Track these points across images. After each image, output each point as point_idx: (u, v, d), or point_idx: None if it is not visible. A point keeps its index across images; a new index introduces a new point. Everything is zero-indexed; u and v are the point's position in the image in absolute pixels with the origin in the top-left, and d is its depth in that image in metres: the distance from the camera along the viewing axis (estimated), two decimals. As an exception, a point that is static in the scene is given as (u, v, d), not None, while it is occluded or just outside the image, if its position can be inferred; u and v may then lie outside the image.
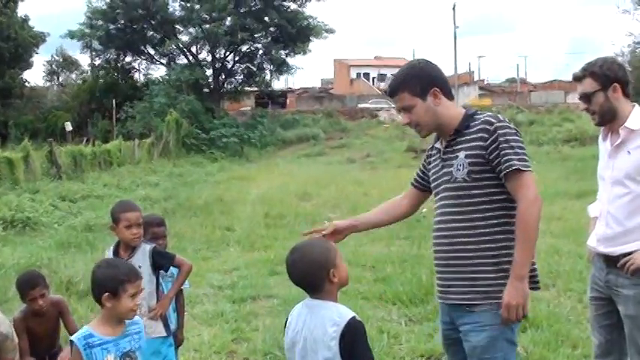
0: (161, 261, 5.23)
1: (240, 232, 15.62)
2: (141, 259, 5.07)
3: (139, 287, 3.98)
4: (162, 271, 5.36)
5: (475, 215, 3.92)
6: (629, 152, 4.44)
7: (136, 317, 4.13)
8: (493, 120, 3.88)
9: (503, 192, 3.88)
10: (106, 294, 3.86)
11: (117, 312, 3.91)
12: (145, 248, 5.20)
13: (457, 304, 4.02)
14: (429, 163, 4.33)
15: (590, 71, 4.58)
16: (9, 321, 5.18)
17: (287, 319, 3.79)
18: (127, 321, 4.02)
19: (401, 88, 4.05)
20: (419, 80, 4.00)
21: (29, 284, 5.77)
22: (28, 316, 5.77)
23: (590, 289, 4.85)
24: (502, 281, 3.82)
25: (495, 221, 3.90)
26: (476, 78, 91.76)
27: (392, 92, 4.13)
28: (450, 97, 4.05)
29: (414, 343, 7.31)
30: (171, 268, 5.37)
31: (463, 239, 3.96)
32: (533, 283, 3.96)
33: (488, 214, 3.90)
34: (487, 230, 3.90)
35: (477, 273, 3.91)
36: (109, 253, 5.40)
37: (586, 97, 4.60)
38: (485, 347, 3.90)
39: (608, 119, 4.56)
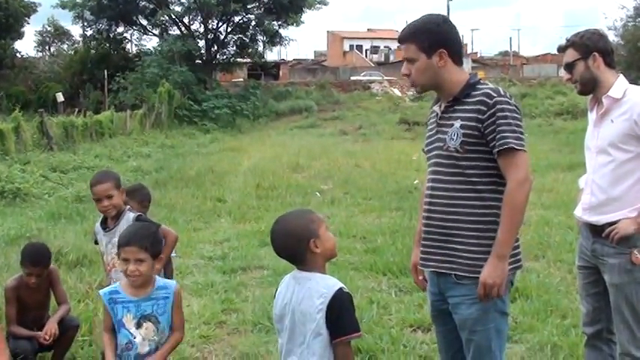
0: None
1: (231, 203, 15.59)
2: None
3: (128, 253, 4.12)
4: None
5: (463, 186, 3.88)
6: (612, 121, 4.48)
7: (170, 282, 4.39)
8: (494, 94, 3.81)
9: (494, 167, 3.84)
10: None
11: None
12: (129, 217, 5.20)
13: (445, 275, 3.99)
14: (427, 126, 4.27)
15: (571, 42, 4.65)
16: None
17: (276, 290, 3.78)
18: (156, 284, 4.25)
19: (410, 38, 3.97)
20: (430, 36, 3.91)
21: (33, 260, 5.74)
22: (20, 285, 5.75)
23: (578, 258, 4.87)
24: (485, 256, 3.80)
25: (483, 195, 3.87)
26: (469, 51, 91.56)
27: (401, 39, 4.04)
28: (458, 61, 3.98)
29: (403, 314, 7.34)
30: None
31: (449, 209, 3.93)
32: (516, 262, 3.95)
33: (476, 187, 3.87)
34: (474, 203, 3.87)
35: (460, 245, 3.89)
36: (97, 225, 5.49)
37: (568, 67, 4.66)
38: (476, 319, 3.89)
39: (590, 88, 4.62)
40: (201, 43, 61.16)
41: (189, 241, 11.08)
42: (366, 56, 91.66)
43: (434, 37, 3.91)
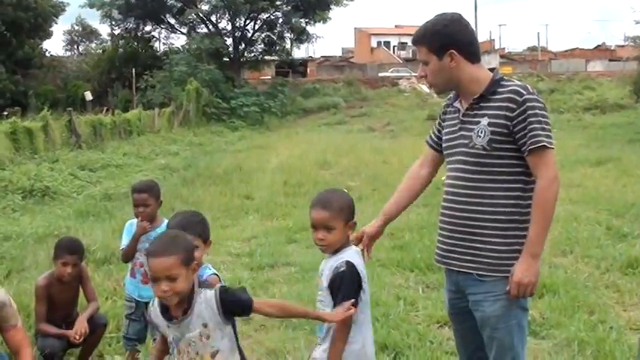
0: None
1: (259, 200, 15.61)
2: None
3: None
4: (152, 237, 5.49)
5: (490, 185, 3.85)
6: None
7: (206, 271, 4.39)
8: (523, 91, 3.77)
9: (521, 165, 3.81)
10: None
11: None
12: (207, 297, 3.64)
13: (466, 273, 3.97)
14: (444, 120, 4.24)
15: None
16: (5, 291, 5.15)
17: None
18: (199, 272, 4.15)
19: (421, 41, 3.98)
20: (439, 38, 3.89)
21: (69, 249, 5.77)
22: (51, 283, 5.77)
23: None
24: (509, 255, 3.79)
25: (510, 193, 3.84)
26: (497, 46, 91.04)
27: (413, 42, 4.07)
28: (473, 59, 3.93)
29: (430, 310, 7.30)
30: None
31: (474, 207, 3.90)
32: None
33: (503, 185, 3.84)
34: (500, 202, 3.84)
35: (483, 244, 3.87)
36: (152, 308, 4.97)
37: None
38: (499, 316, 3.87)
39: None
40: (229, 41, 61.40)
41: (217, 238, 11.04)
42: (393, 53, 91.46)
43: (442, 38, 3.89)
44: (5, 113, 45.38)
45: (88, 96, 46.66)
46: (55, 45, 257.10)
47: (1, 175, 17.56)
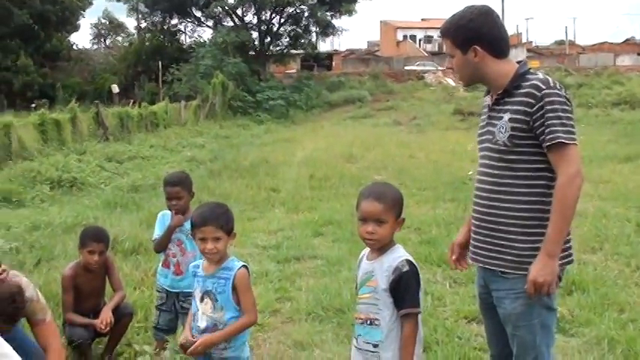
0: None
1: (285, 193, 15.62)
2: None
3: (206, 232, 4.23)
4: (185, 228, 5.56)
5: (512, 181, 3.82)
6: None
7: (237, 264, 4.35)
8: (542, 85, 3.70)
9: (544, 161, 3.75)
10: None
11: None
12: None
13: (491, 269, 3.95)
14: (480, 116, 4.22)
15: None
16: (33, 284, 5.16)
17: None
18: (223, 264, 4.33)
19: (446, 34, 3.96)
20: (462, 32, 3.86)
21: (95, 237, 5.81)
22: (78, 273, 5.80)
23: None
24: (531, 252, 3.74)
25: (532, 190, 3.79)
26: (524, 40, 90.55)
27: (440, 34, 4.07)
28: (498, 54, 3.88)
29: (458, 305, 7.27)
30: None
31: (496, 203, 3.87)
32: (566, 257, 3.85)
33: (525, 182, 3.79)
34: (522, 199, 3.80)
35: (505, 240, 3.84)
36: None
37: None
38: (520, 315, 3.84)
39: None
40: (255, 34, 61.54)
41: (244, 231, 11.08)
42: (419, 46, 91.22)
43: (465, 33, 3.86)
44: (33, 105, 45.86)
45: (115, 89, 46.94)
46: (82, 38, 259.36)
47: (30, 166, 17.73)
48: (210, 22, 64.98)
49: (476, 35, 3.83)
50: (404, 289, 3.73)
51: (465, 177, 16.09)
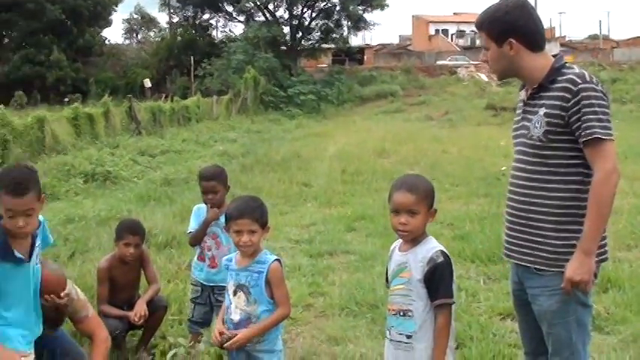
0: None
1: (317, 188, 15.60)
2: None
3: (241, 225, 4.24)
4: (221, 222, 5.60)
5: (547, 177, 3.76)
6: None
7: (270, 257, 4.37)
8: (578, 79, 3.64)
9: (580, 157, 3.69)
10: None
11: None
12: None
13: (525, 266, 3.90)
14: (515, 110, 4.16)
15: None
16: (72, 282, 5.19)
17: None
18: (257, 258, 4.34)
19: (482, 27, 3.92)
20: (498, 25, 3.82)
21: (131, 229, 5.86)
22: (113, 265, 5.85)
23: None
24: (566, 249, 3.69)
25: (567, 186, 3.74)
26: (557, 34, 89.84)
27: (476, 26, 4.02)
28: (534, 48, 3.83)
29: (492, 302, 7.21)
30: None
31: (531, 199, 3.82)
32: (601, 254, 3.79)
33: (561, 177, 3.74)
34: (557, 195, 3.75)
35: (540, 237, 3.79)
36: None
37: None
38: (556, 312, 3.79)
39: None
40: (286, 29, 61.57)
41: (276, 225, 11.06)
42: (451, 40, 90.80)
43: (501, 25, 3.81)
44: (66, 100, 46.19)
45: (147, 83, 47.06)
46: (114, 33, 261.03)
47: (64, 160, 17.91)
48: (241, 17, 65.17)
49: (512, 28, 3.79)
50: (438, 279, 3.74)
51: (498, 172, 15.99)
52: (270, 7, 62.15)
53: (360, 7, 60.43)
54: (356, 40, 75.52)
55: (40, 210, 4.38)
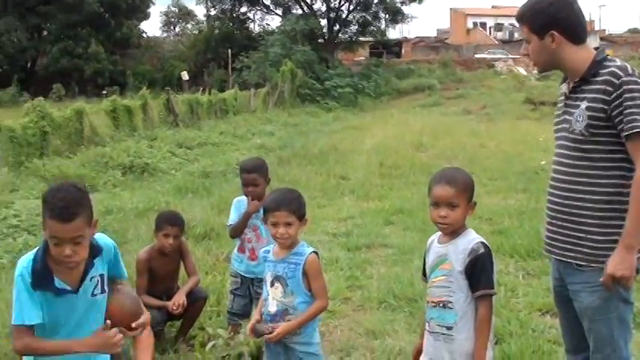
0: None
1: (354, 181, 15.56)
2: None
3: (278, 217, 4.27)
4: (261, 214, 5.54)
5: (589, 172, 3.72)
6: None
7: (307, 249, 4.38)
8: (621, 72, 3.60)
9: (622, 151, 3.65)
10: None
11: None
12: None
13: (566, 262, 3.86)
14: (557, 104, 4.12)
15: None
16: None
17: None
18: (294, 249, 4.35)
19: (523, 19, 3.88)
20: (540, 17, 3.78)
21: (170, 221, 5.93)
22: (153, 256, 5.91)
23: None
24: (608, 245, 3.64)
25: (609, 181, 3.69)
26: (596, 28, 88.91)
27: (516, 19, 3.97)
28: (576, 40, 3.79)
29: (531, 297, 7.17)
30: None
31: (573, 194, 3.79)
32: None
33: (603, 172, 3.70)
34: (599, 189, 3.70)
35: (581, 232, 3.75)
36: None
37: None
38: (597, 308, 3.75)
39: None
40: (324, 22, 61.54)
41: (314, 218, 11.05)
42: (490, 34, 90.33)
43: (543, 18, 3.77)
44: (104, 92, 46.58)
45: (185, 76, 47.37)
46: (152, 26, 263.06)
47: (102, 152, 18.03)
48: (279, 10, 65.27)
49: (553, 20, 3.76)
50: (480, 270, 3.73)
51: (537, 167, 15.84)
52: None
53: (397, 0, 60.26)
54: (394, 33, 75.46)
55: (92, 236, 3.97)
